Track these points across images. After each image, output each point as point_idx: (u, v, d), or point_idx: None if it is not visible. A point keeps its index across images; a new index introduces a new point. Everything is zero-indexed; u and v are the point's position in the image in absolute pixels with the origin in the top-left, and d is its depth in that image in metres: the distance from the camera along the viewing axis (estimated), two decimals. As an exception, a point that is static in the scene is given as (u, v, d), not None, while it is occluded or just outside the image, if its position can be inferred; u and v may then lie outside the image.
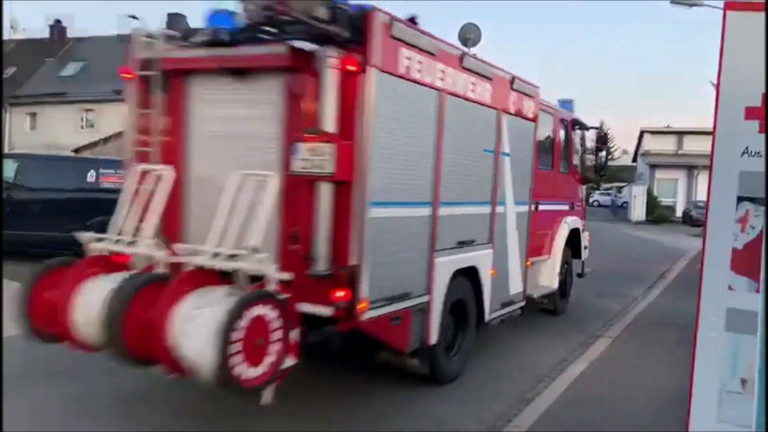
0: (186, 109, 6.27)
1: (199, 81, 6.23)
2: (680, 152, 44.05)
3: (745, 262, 3.51)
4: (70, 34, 43.98)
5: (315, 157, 5.30)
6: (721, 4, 3.62)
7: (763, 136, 3.29)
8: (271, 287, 4.90)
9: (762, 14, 3.18)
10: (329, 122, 5.37)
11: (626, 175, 57.87)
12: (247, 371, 4.57)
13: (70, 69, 40.51)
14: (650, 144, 46.50)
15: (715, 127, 3.59)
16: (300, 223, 5.53)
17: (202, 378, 4.61)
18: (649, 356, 8.91)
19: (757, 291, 2.89)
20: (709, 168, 3.58)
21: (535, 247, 9.56)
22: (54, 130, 36.87)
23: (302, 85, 5.58)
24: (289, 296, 5.01)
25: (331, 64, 5.30)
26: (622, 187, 57.02)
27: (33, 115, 39.86)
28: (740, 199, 3.57)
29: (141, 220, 5.75)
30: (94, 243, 5.80)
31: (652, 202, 41.31)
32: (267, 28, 5.52)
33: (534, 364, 8.32)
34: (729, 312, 3.58)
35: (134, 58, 6.27)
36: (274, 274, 4.94)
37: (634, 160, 56.67)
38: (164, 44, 6.23)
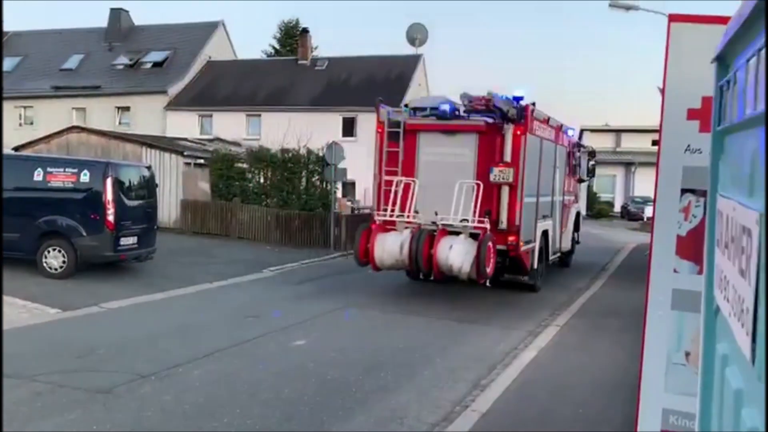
0: (416, 149, 12.23)
1: (425, 135, 12.27)
2: (618, 149, 45.62)
3: (688, 247, 3.87)
4: (7, 27, 42.26)
5: (503, 174, 11.36)
6: (655, 7, 4.01)
7: (703, 135, 3.66)
8: (489, 234, 10.80)
9: (701, 26, 3.54)
10: (508, 157, 11.45)
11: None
12: (486, 269, 10.52)
13: (7, 64, 38.91)
14: (589, 141, 47.95)
15: (661, 126, 3.95)
16: (490, 205, 11.37)
17: (462, 274, 10.51)
18: (595, 343, 9.40)
19: (699, 273, 3.22)
20: (656, 163, 3.93)
21: (562, 222, 15.60)
22: (-12, 127, 35.37)
23: (489, 140, 11.66)
24: (494, 239, 10.91)
25: (511, 131, 11.43)
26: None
27: (-35, 111, 38.09)
28: (683, 191, 3.94)
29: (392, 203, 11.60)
30: (377, 217, 11.55)
31: (591, 198, 42.62)
32: (473, 112, 12.01)
33: (488, 352, 8.67)
34: (674, 292, 3.94)
35: (383, 120, 12.30)
36: (489, 229, 10.90)
37: (575, 157, 58.24)
38: (405, 115, 12.43)
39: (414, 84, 32.25)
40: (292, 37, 43.36)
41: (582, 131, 50.61)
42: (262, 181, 22.29)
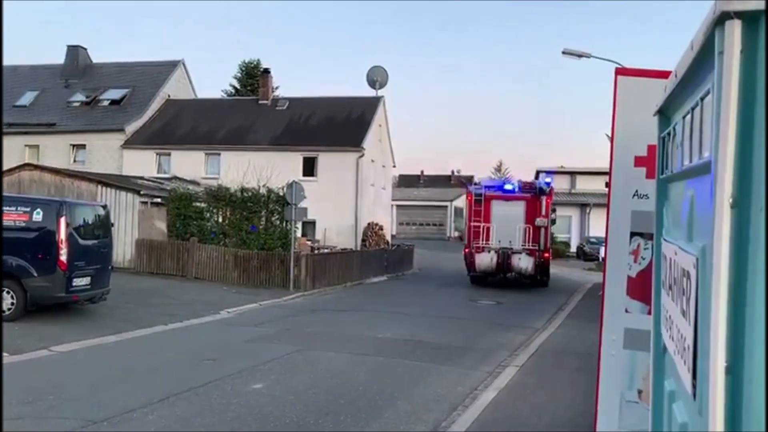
0: (490, 208, 23.22)
1: (495, 200, 23.32)
2: (573, 191, 46.79)
3: (638, 288, 4.03)
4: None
5: (542, 222, 22.89)
6: (605, 55, 4.28)
7: (649, 181, 3.85)
8: (538, 253, 22.94)
9: (644, 79, 3.78)
10: (543, 213, 22.97)
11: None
12: (539, 270, 23.00)
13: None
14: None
15: (610, 172, 4.14)
16: (536, 238, 22.86)
17: (527, 272, 22.61)
18: (553, 382, 9.50)
19: (649, 313, 3.35)
20: (607, 208, 4.11)
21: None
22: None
23: (532, 204, 23.13)
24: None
25: (545, 200, 23.12)
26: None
27: None
28: (632, 235, 4.11)
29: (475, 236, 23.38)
30: (473, 244, 22.98)
31: (551, 238, 43.31)
32: (522, 189, 24.00)
33: (448, 393, 8.67)
34: (626, 332, 4.08)
35: (470, 191, 23.81)
36: (537, 250, 23.17)
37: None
38: (484, 189, 23.73)
39: (374, 125, 32.67)
40: (253, 77, 43.57)
41: (538, 173, 51.81)
42: (220, 220, 22.10)
